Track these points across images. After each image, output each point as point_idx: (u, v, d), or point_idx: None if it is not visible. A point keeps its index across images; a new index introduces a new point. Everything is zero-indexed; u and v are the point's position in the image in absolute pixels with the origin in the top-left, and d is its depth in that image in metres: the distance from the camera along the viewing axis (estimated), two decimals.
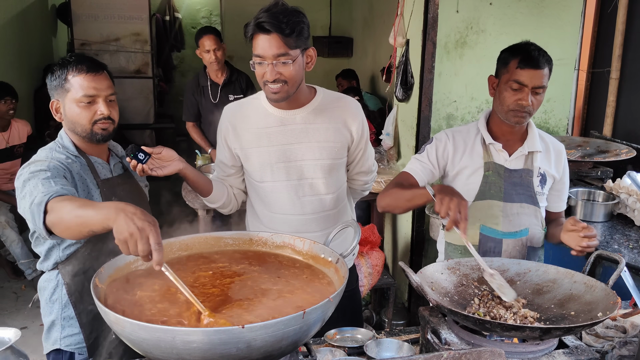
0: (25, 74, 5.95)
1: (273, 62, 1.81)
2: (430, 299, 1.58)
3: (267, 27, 1.78)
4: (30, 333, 3.80)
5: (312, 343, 1.72)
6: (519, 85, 1.96)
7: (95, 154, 1.89)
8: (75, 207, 1.43)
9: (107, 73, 1.83)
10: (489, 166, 2.08)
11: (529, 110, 1.98)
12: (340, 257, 1.54)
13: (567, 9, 3.72)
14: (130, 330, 1.19)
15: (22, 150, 4.62)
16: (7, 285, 4.59)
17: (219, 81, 4.15)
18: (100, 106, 1.78)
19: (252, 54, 1.85)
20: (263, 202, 2.09)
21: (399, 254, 4.10)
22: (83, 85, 1.76)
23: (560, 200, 2.19)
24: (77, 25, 6.59)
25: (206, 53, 4.02)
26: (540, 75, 1.96)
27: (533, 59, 1.96)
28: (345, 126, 2.03)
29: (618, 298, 1.56)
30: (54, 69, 1.81)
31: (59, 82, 1.79)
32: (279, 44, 1.79)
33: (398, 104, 3.97)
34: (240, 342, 1.15)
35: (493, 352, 1.29)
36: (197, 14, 9.32)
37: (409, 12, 3.68)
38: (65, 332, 1.86)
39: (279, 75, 1.82)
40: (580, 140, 3.74)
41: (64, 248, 1.79)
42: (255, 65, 1.87)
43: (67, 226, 1.44)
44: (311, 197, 2.05)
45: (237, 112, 2.06)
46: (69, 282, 1.80)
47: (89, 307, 1.79)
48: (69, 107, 1.80)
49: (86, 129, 1.80)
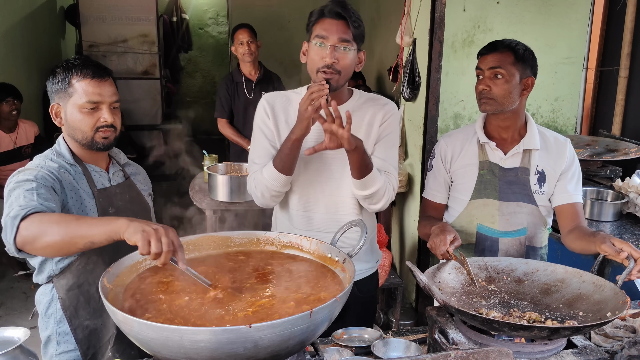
0: (33, 76, 5.99)
1: (336, 44, 1.85)
2: (437, 299, 1.58)
3: (339, 11, 1.85)
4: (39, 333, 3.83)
5: (319, 343, 1.72)
6: (479, 71, 2.05)
7: (93, 161, 1.81)
8: (66, 221, 1.42)
9: (112, 79, 1.76)
10: (483, 165, 2.09)
11: (489, 96, 2.01)
12: (347, 256, 1.54)
13: (575, 7, 3.70)
14: (138, 329, 1.20)
15: (30, 150, 4.66)
16: (17, 285, 4.62)
17: (252, 78, 4.27)
18: (104, 113, 1.71)
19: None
20: (287, 199, 2.05)
21: (406, 254, 4.09)
22: (87, 91, 1.68)
23: (563, 192, 2.08)
24: (85, 27, 6.63)
25: (240, 46, 4.15)
26: (494, 58, 2.01)
27: (490, 45, 2.04)
28: (372, 125, 2.01)
29: (627, 298, 1.55)
30: (57, 71, 1.73)
31: (61, 86, 1.71)
32: (345, 30, 1.86)
33: (405, 104, 3.97)
34: (248, 341, 1.15)
35: (501, 351, 1.29)
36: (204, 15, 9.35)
37: (416, 11, 3.67)
38: (61, 348, 1.77)
39: (336, 61, 1.85)
40: (588, 139, 3.72)
41: (57, 261, 1.71)
42: (312, 48, 1.89)
43: (50, 243, 1.41)
44: (337, 198, 2.02)
45: (276, 101, 2.04)
46: (63, 297, 1.72)
47: (84, 322, 1.74)
48: (70, 113, 1.71)
49: (87, 136, 1.72)
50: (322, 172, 2.01)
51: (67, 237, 1.41)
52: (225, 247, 1.73)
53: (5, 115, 4.44)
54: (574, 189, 2.09)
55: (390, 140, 2.05)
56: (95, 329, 1.75)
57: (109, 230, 1.38)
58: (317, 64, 1.87)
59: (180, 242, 1.37)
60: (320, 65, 1.86)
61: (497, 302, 1.71)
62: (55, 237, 1.41)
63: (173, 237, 1.34)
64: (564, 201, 2.09)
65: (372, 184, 1.91)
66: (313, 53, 1.89)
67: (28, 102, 5.13)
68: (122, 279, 1.48)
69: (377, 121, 2.02)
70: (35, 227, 1.42)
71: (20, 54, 5.72)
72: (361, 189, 1.93)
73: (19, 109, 4.51)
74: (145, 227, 1.33)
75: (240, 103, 4.27)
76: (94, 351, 1.77)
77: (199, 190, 3.73)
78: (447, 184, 2.19)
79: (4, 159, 4.48)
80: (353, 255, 1.56)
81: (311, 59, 1.90)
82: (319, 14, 1.89)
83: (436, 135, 3.62)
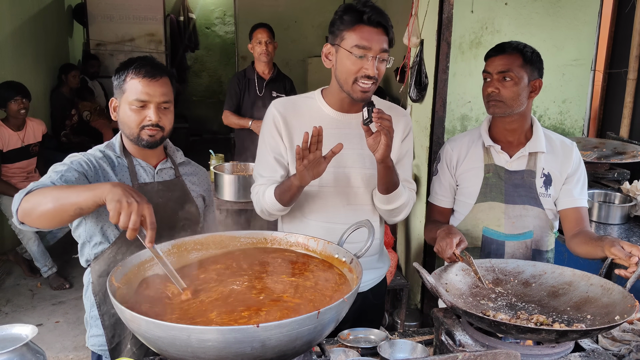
0: (41, 74, 6.02)
1: (377, 55, 1.78)
2: (444, 300, 1.57)
3: (378, 20, 1.77)
4: (46, 330, 3.85)
5: (326, 343, 1.72)
6: (487, 74, 2.04)
7: (142, 157, 1.86)
8: (59, 190, 1.50)
9: (168, 79, 1.79)
10: (489, 168, 2.09)
11: (499, 98, 2.01)
12: (355, 257, 1.54)
13: (583, 9, 3.68)
14: (146, 328, 1.20)
15: (38, 149, 4.68)
16: (24, 282, 4.65)
17: (265, 76, 4.31)
18: (150, 112, 1.75)
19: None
20: (301, 208, 1.99)
21: (411, 255, 4.08)
22: (137, 89, 1.74)
23: (568, 196, 2.07)
24: (93, 26, 6.68)
25: (258, 45, 4.21)
26: (503, 61, 2.00)
27: (497, 47, 2.04)
28: (394, 137, 1.93)
29: (636, 301, 1.54)
30: (119, 67, 1.80)
31: (118, 82, 1.78)
32: (385, 39, 1.80)
33: (412, 105, 3.96)
34: (255, 341, 1.15)
35: (508, 354, 1.28)
36: (211, 14, 9.38)
37: (424, 12, 3.67)
38: (92, 331, 1.88)
39: (377, 72, 1.79)
40: (596, 141, 3.70)
41: (92, 246, 1.79)
42: (348, 57, 1.78)
43: (43, 212, 1.48)
44: (355, 206, 1.98)
45: (289, 107, 1.96)
46: (94, 282, 1.80)
47: (111, 310, 1.78)
48: (122, 108, 1.78)
49: (133, 132, 1.77)
50: (340, 181, 1.96)
51: (58, 205, 1.48)
52: (232, 247, 1.73)
53: (13, 113, 4.46)
54: (579, 193, 2.09)
55: (410, 154, 2.06)
56: (120, 319, 1.78)
57: (93, 195, 1.44)
58: (354, 73, 1.80)
59: (153, 221, 1.39)
60: (360, 76, 1.79)
61: (504, 304, 1.70)
62: (48, 206, 1.49)
63: (147, 214, 1.38)
64: (568, 205, 2.08)
65: (398, 199, 1.92)
66: (350, 62, 1.79)
67: (36, 100, 5.15)
68: (130, 277, 1.48)
69: (398, 135, 1.98)
70: (33, 199, 1.50)
71: (29, 52, 5.75)
72: (386, 203, 1.93)
73: (27, 108, 4.53)
74: (122, 197, 1.38)
75: (250, 99, 4.31)
76: (119, 340, 1.81)
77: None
78: (453, 188, 2.19)
79: (12, 157, 4.51)
80: (360, 255, 1.56)
81: (346, 68, 1.81)
82: (354, 19, 1.77)
83: (443, 136, 3.62)
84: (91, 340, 1.89)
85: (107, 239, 1.78)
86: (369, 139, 1.74)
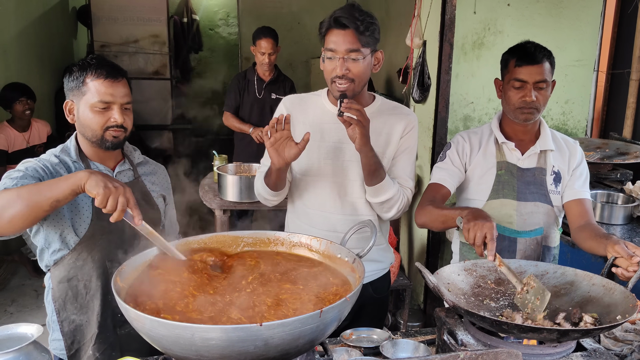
0: (46, 76, 6.05)
1: (344, 56, 1.86)
2: (447, 300, 1.58)
3: (343, 22, 1.85)
4: None
5: (328, 342, 1.73)
6: (521, 83, 2.01)
7: (100, 160, 1.82)
8: (25, 189, 1.50)
9: (126, 80, 1.78)
10: (501, 165, 2.10)
11: (535, 106, 2.01)
12: (357, 257, 1.55)
13: (586, 10, 3.69)
14: (150, 327, 1.21)
15: (43, 150, 4.68)
16: (29, 282, 4.67)
17: (265, 78, 4.37)
18: (114, 113, 1.73)
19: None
20: (302, 198, 2.10)
21: (414, 255, 4.09)
22: (100, 91, 1.71)
23: (571, 188, 2.10)
24: (97, 27, 6.69)
25: (261, 55, 4.25)
26: (539, 70, 1.99)
27: (529, 55, 2.01)
28: (392, 135, 2.04)
29: (637, 301, 1.54)
30: (73, 69, 1.76)
31: (76, 84, 1.74)
32: (353, 40, 1.86)
33: (415, 105, 3.97)
34: (258, 339, 1.16)
35: (510, 353, 1.29)
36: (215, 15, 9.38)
37: (426, 13, 3.67)
38: (54, 335, 1.84)
39: (348, 71, 1.87)
40: (599, 142, 3.70)
41: (51, 253, 1.76)
42: (325, 60, 1.92)
43: (14, 214, 1.47)
44: (351, 198, 2.05)
45: (296, 103, 2.11)
46: (54, 288, 1.77)
47: (71, 316, 1.77)
48: (82, 110, 1.74)
49: (97, 134, 1.74)
50: (338, 174, 2.04)
51: (31, 204, 1.48)
52: (235, 247, 1.74)
53: (18, 114, 4.49)
54: (582, 186, 2.12)
55: (409, 152, 2.08)
56: (81, 325, 1.78)
57: (70, 184, 1.47)
58: (329, 74, 1.92)
59: (135, 201, 1.47)
60: (333, 76, 1.90)
61: (506, 303, 1.71)
62: (19, 208, 1.48)
63: (129, 196, 1.46)
64: (572, 197, 2.11)
65: (384, 192, 1.96)
66: (326, 64, 1.93)
67: (41, 101, 5.17)
68: (133, 277, 1.49)
69: (398, 132, 2.04)
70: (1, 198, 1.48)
71: (34, 54, 5.78)
72: (373, 195, 1.99)
73: (32, 109, 4.56)
74: (107, 183, 1.43)
75: (248, 100, 4.35)
76: (78, 347, 1.79)
77: (209, 190, 3.75)
78: (458, 176, 2.16)
79: (17, 158, 4.52)
80: (363, 255, 1.57)
81: (325, 70, 1.94)
82: (328, 24, 1.90)
83: (446, 137, 3.62)
84: (53, 344, 1.84)
85: (67, 245, 1.74)
86: (348, 130, 1.83)
